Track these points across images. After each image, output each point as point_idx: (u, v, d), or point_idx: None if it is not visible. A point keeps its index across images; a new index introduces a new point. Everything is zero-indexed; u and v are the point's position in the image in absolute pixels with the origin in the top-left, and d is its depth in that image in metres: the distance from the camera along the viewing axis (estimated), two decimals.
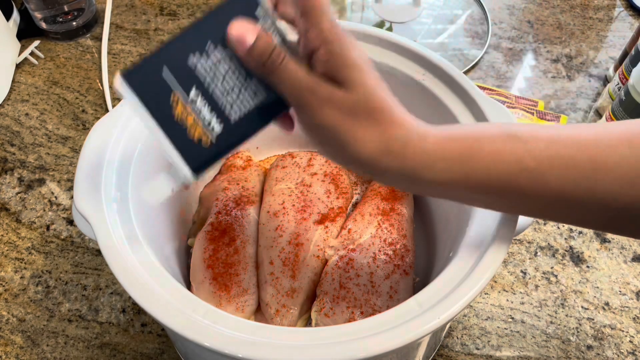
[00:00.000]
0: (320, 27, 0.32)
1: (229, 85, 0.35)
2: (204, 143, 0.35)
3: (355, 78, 0.33)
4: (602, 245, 0.62)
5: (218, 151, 0.36)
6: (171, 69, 0.34)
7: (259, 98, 0.35)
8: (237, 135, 0.36)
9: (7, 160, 0.69)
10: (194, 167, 0.36)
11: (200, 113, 0.35)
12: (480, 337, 0.56)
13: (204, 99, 0.35)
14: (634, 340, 0.56)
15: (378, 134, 0.33)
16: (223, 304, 0.48)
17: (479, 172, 0.34)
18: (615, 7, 0.88)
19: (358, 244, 0.51)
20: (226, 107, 0.35)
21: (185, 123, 0.35)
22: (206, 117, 0.35)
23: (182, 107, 0.35)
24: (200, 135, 0.35)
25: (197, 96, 0.35)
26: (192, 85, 0.35)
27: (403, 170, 0.34)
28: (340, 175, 0.57)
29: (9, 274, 0.60)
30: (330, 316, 0.47)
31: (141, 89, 0.34)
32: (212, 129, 0.35)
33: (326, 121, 0.33)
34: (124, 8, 0.87)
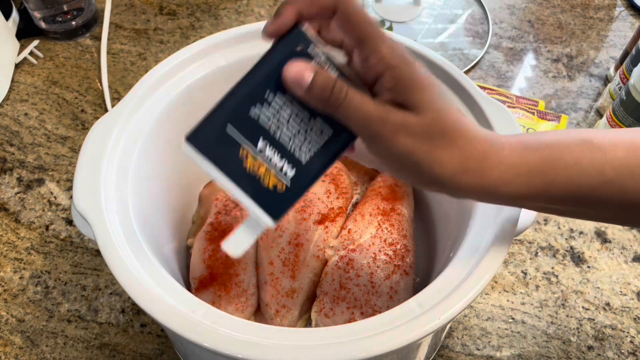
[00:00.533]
0: (381, 53, 0.32)
1: (295, 129, 0.35)
2: (280, 189, 0.35)
3: (425, 100, 0.32)
4: (602, 246, 0.62)
5: (294, 194, 0.36)
6: (234, 124, 0.34)
7: (326, 135, 0.35)
8: (311, 175, 0.36)
9: (7, 160, 0.69)
10: (273, 215, 0.36)
11: (271, 161, 0.35)
12: (480, 338, 0.56)
13: (272, 147, 0.35)
14: (635, 341, 0.56)
15: (455, 153, 0.33)
16: (223, 304, 0.48)
17: (559, 183, 0.34)
18: (615, 7, 0.88)
19: (358, 244, 0.51)
20: (295, 150, 0.35)
21: (258, 173, 0.35)
22: (277, 164, 0.35)
23: (252, 158, 0.35)
24: (275, 182, 0.35)
25: (265, 146, 0.35)
26: (258, 136, 0.34)
27: (482, 186, 0.34)
28: (340, 175, 0.57)
29: (8, 274, 0.60)
30: (330, 316, 0.47)
31: (208, 149, 0.34)
32: (285, 174, 0.35)
33: (401, 149, 0.32)
34: (124, 8, 0.87)
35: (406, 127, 0.32)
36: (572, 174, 0.33)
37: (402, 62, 0.32)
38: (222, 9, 0.87)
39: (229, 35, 0.51)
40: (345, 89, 0.32)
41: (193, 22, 0.85)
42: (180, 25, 0.84)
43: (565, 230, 0.63)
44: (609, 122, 0.66)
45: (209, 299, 0.48)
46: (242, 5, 0.87)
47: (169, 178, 0.52)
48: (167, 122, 0.49)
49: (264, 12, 0.86)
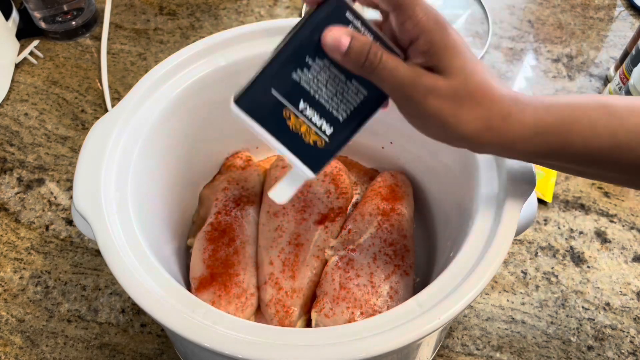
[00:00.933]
0: (417, 18, 0.33)
1: (333, 90, 0.38)
2: (319, 145, 0.39)
3: (455, 65, 0.34)
4: (602, 246, 0.62)
5: (332, 149, 0.39)
6: (278, 88, 0.37)
7: (361, 95, 0.38)
8: (347, 132, 0.39)
9: (7, 160, 0.69)
10: (313, 167, 0.40)
11: (311, 120, 0.38)
12: (480, 338, 0.56)
13: (312, 107, 0.38)
14: (635, 341, 0.56)
15: (480, 114, 0.34)
16: (223, 304, 0.48)
17: (575, 144, 0.35)
18: (615, 7, 0.88)
19: (358, 244, 0.51)
20: (333, 110, 0.38)
21: (300, 131, 0.38)
22: (317, 122, 0.38)
23: (294, 118, 0.38)
24: (315, 139, 0.39)
25: (306, 106, 0.38)
26: (300, 98, 0.38)
27: (502, 143, 0.35)
28: (340, 175, 0.57)
29: (8, 274, 0.60)
30: (330, 316, 0.47)
31: (255, 110, 0.38)
32: (324, 132, 0.39)
33: (430, 110, 0.34)
34: (124, 8, 0.87)
35: (436, 90, 0.34)
36: (587, 136, 0.35)
37: (437, 26, 0.34)
38: (222, 9, 0.87)
39: (228, 35, 0.51)
40: (379, 54, 0.34)
41: (193, 22, 0.85)
42: (180, 25, 0.85)
43: (565, 230, 0.63)
44: None
45: (209, 299, 0.48)
46: (242, 5, 0.87)
47: (169, 178, 0.52)
48: (167, 122, 0.49)
49: (264, 12, 0.86)
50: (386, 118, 0.56)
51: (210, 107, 0.53)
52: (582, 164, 0.37)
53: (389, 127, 0.57)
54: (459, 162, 0.48)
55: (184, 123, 0.52)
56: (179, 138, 0.52)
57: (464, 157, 0.47)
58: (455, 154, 0.48)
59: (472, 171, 0.45)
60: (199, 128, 0.54)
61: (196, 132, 0.54)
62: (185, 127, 0.52)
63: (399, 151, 0.59)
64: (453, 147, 0.48)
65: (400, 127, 0.56)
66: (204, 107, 0.53)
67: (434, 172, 0.55)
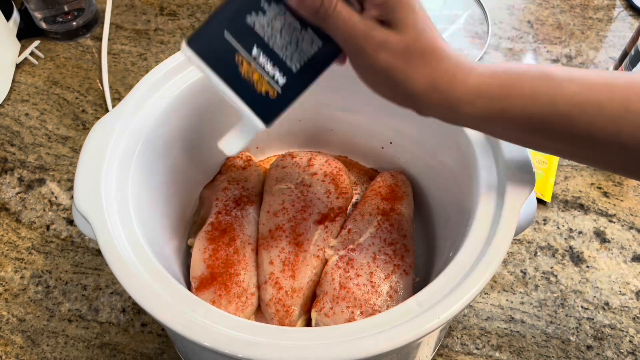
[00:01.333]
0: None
1: (287, 39, 0.37)
2: (271, 95, 0.38)
3: (408, 20, 0.34)
4: (601, 245, 0.62)
5: (284, 100, 0.38)
6: (231, 31, 0.36)
7: (316, 46, 0.38)
8: (300, 83, 0.38)
9: (7, 160, 0.69)
10: (264, 118, 0.38)
11: (264, 68, 0.37)
12: (480, 337, 0.56)
13: (266, 55, 0.37)
14: (634, 340, 0.56)
15: (428, 72, 0.35)
16: (223, 304, 0.48)
17: (515, 110, 0.36)
18: (615, 7, 0.88)
19: (358, 244, 0.51)
20: (287, 59, 0.37)
21: (252, 79, 0.37)
22: (270, 71, 0.37)
23: (246, 65, 0.37)
24: (267, 88, 0.38)
25: (259, 53, 0.37)
26: (253, 43, 0.37)
27: (447, 104, 0.36)
28: (340, 175, 0.57)
29: (9, 274, 0.60)
30: (330, 316, 0.47)
31: (206, 53, 0.36)
32: (276, 81, 0.38)
33: (380, 64, 0.35)
34: (124, 8, 0.87)
35: (387, 45, 0.34)
36: (526, 103, 0.35)
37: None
38: None
39: None
40: (334, 2, 0.34)
41: (193, 22, 0.85)
42: (181, 26, 0.85)
43: (565, 230, 0.63)
44: None
45: (209, 298, 0.48)
46: None
47: (170, 178, 0.52)
48: (168, 122, 0.49)
49: None
50: (386, 118, 0.56)
51: (210, 107, 0.53)
52: (524, 131, 0.37)
53: (389, 127, 0.57)
54: (458, 162, 0.48)
55: (185, 123, 0.52)
56: (179, 138, 0.52)
57: (464, 157, 0.47)
58: (455, 153, 0.49)
59: (471, 171, 0.45)
60: (200, 128, 0.54)
61: (197, 132, 0.54)
62: (186, 127, 0.52)
63: (399, 151, 0.59)
64: (452, 147, 0.49)
65: (401, 127, 0.56)
66: (205, 108, 0.53)
67: (433, 172, 0.55)
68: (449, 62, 0.35)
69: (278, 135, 0.62)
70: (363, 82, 0.38)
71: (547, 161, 0.69)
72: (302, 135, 0.62)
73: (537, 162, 0.68)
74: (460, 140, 0.47)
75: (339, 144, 0.62)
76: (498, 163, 0.44)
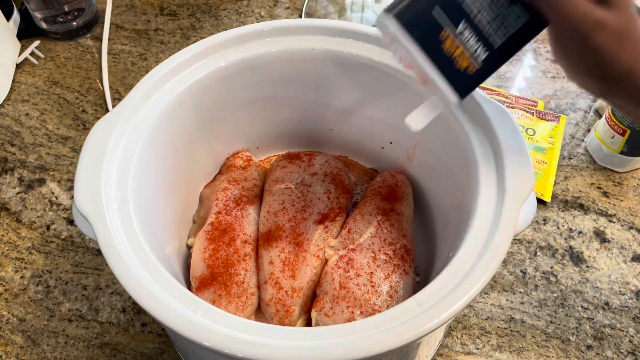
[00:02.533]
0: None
1: (494, 14, 0.37)
2: (470, 70, 0.39)
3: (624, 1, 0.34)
4: (601, 245, 0.62)
5: (481, 75, 0.39)
6: (442, 6, 0.37)
7: (521, 21, 0.38)
8: (499, 58, 0.39)
9: (8, 160, 0.69)
10: (461, 93, 0.39)
11: (467, 43, 0.38)
12: (480, 337, 0.56)
13: (471, 30, 0.38)
14: (634, 340, 0.56)
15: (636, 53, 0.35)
16: (223, 304, 0.48)
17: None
18: None
19: (358, 244, 0.51)
20: (490, 35, 0.38)
21: (454, 54, 0.38)
22: (472, 46, 0.38)
23: (451, 40, 0.38)
24: (467, 64, 0.38)
25: (465, 28, 0.37)
26: (461, 19, 0.37)
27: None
28: (340, 175, 0.57)
29: (9, 274, 0.60)
30: (330, 316, 0.47)
31: (413, 26, 0.37)
32: (477, 57, 0.38)
33: (595, 45, 0.34)
34: (124, 8, 0.87)
35: (604, 25, 0.34)
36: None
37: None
38: (222, 10, 0.87)
39: (229, 36, 0.52)
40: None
41: (193, 22, 0.85)
42: (181, 26, 0.85)
43: (565, 230, 0.63)
44: (607, 123, 0.67)
45: (209, 298, 0.48)
46: (243, 6, 0.87)
47: (170, 178, 0.52)
48: (168, 122, 0.49)
49: (264, 13, 0.86)
50: (386, 118, 0.57)
51: (210, 107, 0.53)
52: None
53: (389, 127, 0.57)
54: (458, 162, 0.48)
55: (185, 123, 0.52)
56: (179, 138, 0.52)
57: (464, 157, 0.47)
58: (455, 153, 0.49)
59: (471, 171, 0.45)
60: (200, 128, 0.54)
61: (197, 132, 0.54)
62: (186, 127, 0.52)
63: (399, 151, 0.59)
64: (452, 147, 0.49)
65: (401, 127, 0.56)
66: (205, 108, 0.53)
67: (434, 172, 0.55)
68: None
69: (278, 135, 0.62)
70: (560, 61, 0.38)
71: (547, 161, 0.69)
72: (302, 135, 0.62)
73: (537, 162, 0.68)
74: (460, 140, 0.47)
75: (339, 144, 0.62)
76: (498, 163, 0.44)
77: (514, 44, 0.39)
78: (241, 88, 0.54)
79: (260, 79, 0.54)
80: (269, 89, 0.56)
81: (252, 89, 0.55)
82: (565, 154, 0.70)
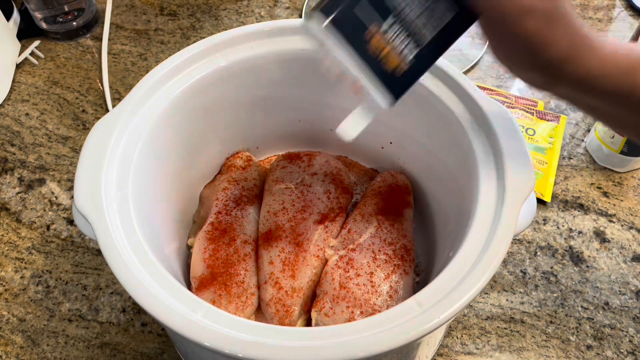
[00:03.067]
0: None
1: (421, 8, 0.36)
2: (399, 70, 0.37)
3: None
4: (601, 245, 0.62)
5: (413, 75, 0.37)
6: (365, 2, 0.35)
7: (449, 15, 0.36)
8: (430, 56, 0.37)
9: (8, 160, 0.69)
10: (393, 95, 0.37)
11: (394, 42, 0.36)
12: (480, 337, 0.56)
13: (398, 27, 0.36)
14: (634, 340, 0.56)
15: (569, 38, 0.34)
16: (223, 304, 0.48)
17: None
18: (614, 7, 0.88)
19: (358, 244, 0.51)
20: (418, 32, 0.36)
21: (381, 54, 0.36)
22: (400, 45, 0.36)
23: (377, 38, 0.36)
24: (396, 64, 0.36)
25: (391, 25, 0.36)
26: (388, 14, 0.35)
27: (580, 76, 0.35)
28: (340, 175, 0.57)
29: (9, 274, 0.60)
30: (330, 316, 0.47)
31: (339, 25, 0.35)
32: (405, 57, 0.37)
33: (525, 30, 0.34)
34: (124, 8, 0.87)
35: (533, 10, 0.34)
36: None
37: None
38: (222, 10, 0.87)
39: (229, 35, 0.52)
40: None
41: (193, 22, 0.85)
42: (181, 26, 0.85)
43: (564, 229, 0.63)
44: None
45: (209, 298, 0.48)
46: (243, 6, 0.87)
47: (170, 178, 0.52)
48: (168, 122, 0.49)
49: (264, 13, 0.86)
50: (386, 118, 0.56)
51: (210, 107, 0.53)
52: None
53: (389, 127, 0.57)
54: (458, 161, 0.48)
55: (185, 123, 0.52)
56: (179, 138, 0.52)
57: (464, 157, 0.47)
58: (455, 153, 0.49)
59: (471, 171, 0.45)
60: (200, 128, 0.54)
61: (197, 132, 0.54)
62: (186, 127, 0.52)
63: (399, 151, 0.59)
64: (452, 147, 0.49)
65: (401, 127, 0.56)
66: (205, 108, 0.53)
67: (433, 172, 0.55)
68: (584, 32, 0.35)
69: (278, 135, 0.62)
70: (495, 53, 0.37)
71: (547, 161, 0.69)
72: (302, 135, 0.62)
73: (537, 162, 0.68)
74: (460, 140, 0.47)
75: (339, 144, 0.62)
76: (498, 163, 0.44)
77: (444, 40, 0.37)
78: (241, 88, 0.54)
79: (260, 79, 0.54)
80: (269, 89, 0.56)
81: (252, 89, 0.55)
82: (565, 154, 0.70)
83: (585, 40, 0.35)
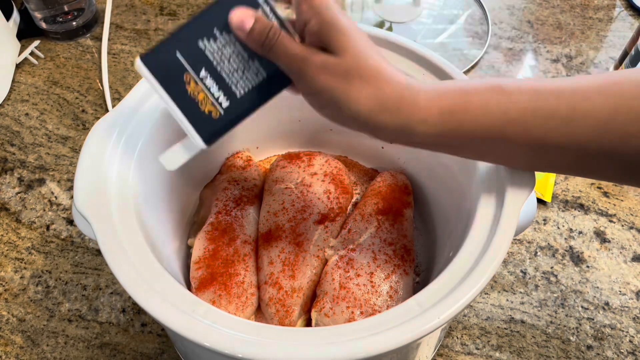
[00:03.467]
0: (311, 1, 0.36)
1: (235, 66, 0.39)
2: (214, 116, 0.40)
3: (345, 43, 0.36)
4: (602, 245, 0.62)
5: (226, 123, 0.40)
6: (183, 52, 0.38)
7: (261, 76, 0.40)
8: (243, 108, 0.40)
9: (7, 160, 0.69)
10: (205, 137, 0.40)
11: (210, 90, 0.39)
12: (480, 337, 0.56)
13: (213, 78, 0.39)
14: (634, 340, 0.56)
15: (371, 93, 0.36)
16: (223, 304, 0.48)
17: (469, 123, 0.36)
18: (615, 7, 0.88)
19: (358, 244, 0.51)
20: (232, 84, 0.39)
21: (197, 98, 0.39)
22: (215, 93, 0.39)
23: (194, 84, 0.39)
24: (210, 109, 0.39)
25: (207, 76, 0.39)
26: (202, 66, 0.39)
27: (399, 124, 0.36)
28: (340, 175, 0.57)
29: (9, 274, 0.60)
30: (330, 316, 0.47)
31: (157, 69, 0.39)
32: (220, 104, 0.40)
33: (322, 86, 0.36)
34: (124, 8, 0.87)
35: (327, 67, 0.36)
36: (479, 115, 0.36)
37: (327, 8, 0.36)
38: None
39: None
40: (278, 33, 0.37)
41: None
42: None
43: (565, 230, 0.63)
44: None
45: (209, 298, 0.48)
46: None
47: (170, 178, 0.52)
48: (168, 122, 0.49)
49: None
50: None
51: None
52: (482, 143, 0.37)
53: None
54: (458, 161, 0.48)
55: None
56: (179, 138, 0.52)
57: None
58: None
59: (471, 171, 0.45)
60: None
61: None
62: None
63: (399, 151, 0.59)
64: None
65: None
66: None
67: (433, 172, 0.55)
68: (395, 84, 0.36)
69: (278, 135, 0.62)
70: (311, 105, 0.39)
71: None
72: (302, 135, 0.62)
73: None
74: None
75: (339, 144, 0.62)
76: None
77: (258, 96, 0.40)
78: None
79: None
80: None
81: None
82: None
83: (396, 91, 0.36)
